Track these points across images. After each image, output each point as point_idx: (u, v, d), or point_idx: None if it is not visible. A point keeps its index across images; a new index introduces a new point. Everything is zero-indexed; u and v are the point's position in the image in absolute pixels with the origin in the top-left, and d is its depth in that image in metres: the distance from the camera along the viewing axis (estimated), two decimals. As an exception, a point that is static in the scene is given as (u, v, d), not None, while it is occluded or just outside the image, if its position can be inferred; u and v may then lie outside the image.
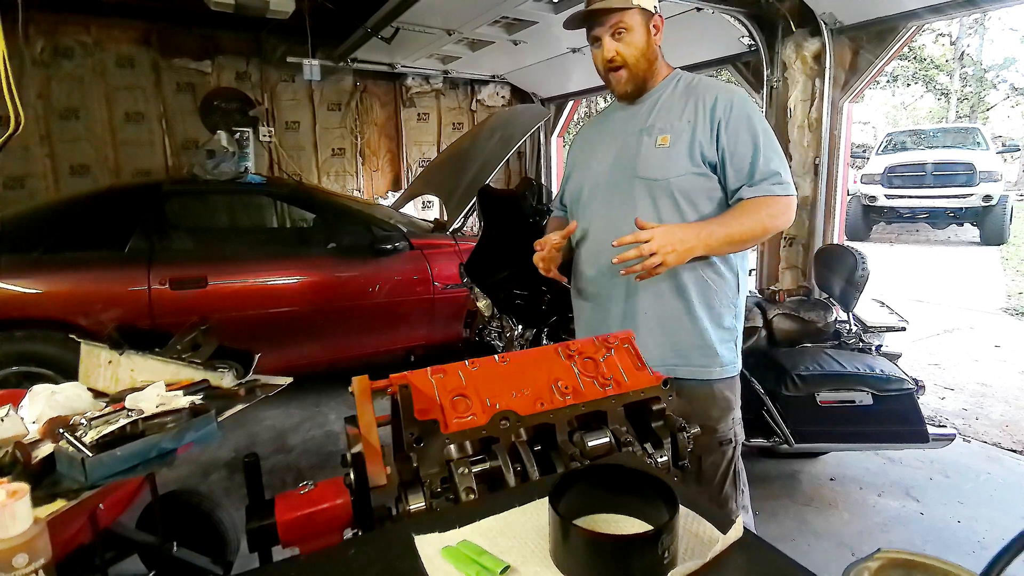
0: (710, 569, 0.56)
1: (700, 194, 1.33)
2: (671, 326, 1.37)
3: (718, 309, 1.38)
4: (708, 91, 1.34)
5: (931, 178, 8.74)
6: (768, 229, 1.30)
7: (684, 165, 1.31)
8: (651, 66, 1.38)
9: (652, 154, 1.34)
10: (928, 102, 20.52)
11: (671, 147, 1.33)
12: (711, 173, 1.32)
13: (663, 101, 1.38)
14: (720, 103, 1.31)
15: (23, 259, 2.69)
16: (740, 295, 1.42)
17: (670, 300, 1.36)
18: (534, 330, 2.33)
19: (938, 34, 17.54)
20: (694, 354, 1.37)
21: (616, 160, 1.41)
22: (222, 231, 3.95)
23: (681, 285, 1.35)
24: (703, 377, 1.37)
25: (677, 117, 1.34)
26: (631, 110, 1.43)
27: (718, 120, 1.30)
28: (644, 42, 1.34)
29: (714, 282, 1.37)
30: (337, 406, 3.35)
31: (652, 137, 1.35)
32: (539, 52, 4.75)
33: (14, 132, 1.45)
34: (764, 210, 1.28)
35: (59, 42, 4.44)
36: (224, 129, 3.97)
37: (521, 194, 2.59)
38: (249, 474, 0.85)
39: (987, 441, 2.93)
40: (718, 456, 1.39)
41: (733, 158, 1.30)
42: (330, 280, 3.21)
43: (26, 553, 0.69)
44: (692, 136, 1.31)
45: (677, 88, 1.39)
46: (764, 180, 1.29)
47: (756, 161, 1.29)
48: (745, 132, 1.30)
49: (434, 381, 0.93)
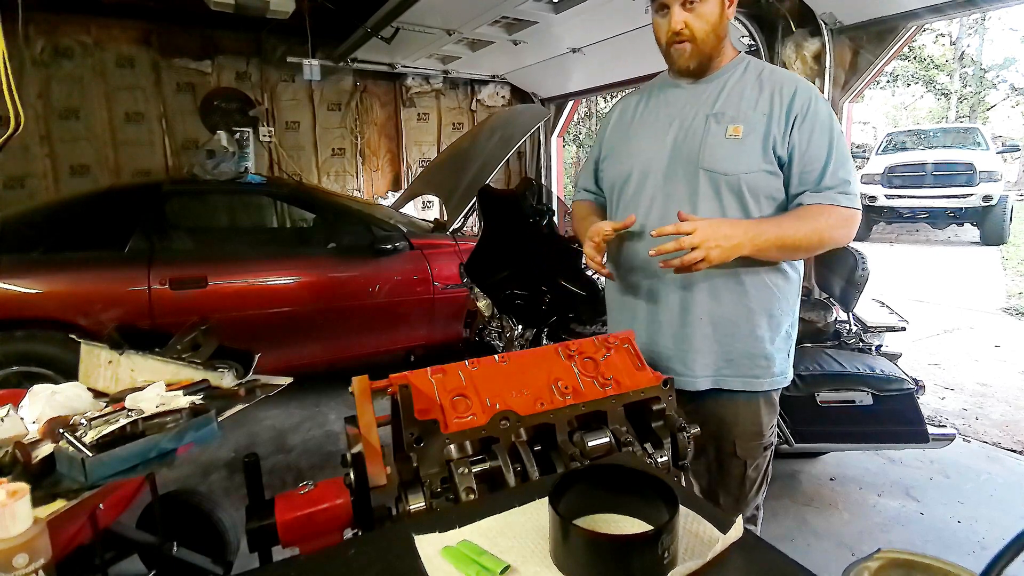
0: (710, 569, 0.56)
1: (767, 193, 1.23)
2: (727, 333, 1.26)
3: (778, 317, 1.27)
4: (786, 82, 1.23)
5: (931, 178, 8.73)
6: (825, 241, 1.19)
7: (756, 161, 1.20)
8: (719, 43, 1.25)
9: (722, 145, 1.21)
10: (928, 102, 20.52)
11: (743, 139, 1.20)
12: (780, 171, 1.22)
13: (732, 85, 1.25)
14: (799, 97, 1.20)
15: (23, 259, 2.69)
16: (798, 300, 1.34)
17: (729, 305, 1.25)
18: (534, 330, 2.33)
19: (938, 34, 17.54)
20: (748, 363, 1.27)
21: (676, 146, 1.26)
22: (222, 231, 3.95)
23: (743, 289, 1.24)
24: (754, 389, 1.28)
25: (751, 106, 1.22)
26: (692, 90, 1.29)
27: (795, 115, 1.19)
28: (717, 16, 1.21)
29: (778, 288, 1.26)
30: (337, 406, 3.35)
31: (721, 125, 1.22)
32: (539, 52, 4.75)
33: (14, 132, 1.45)
34: (824, 219, 1.18)
35: (59, 42, 4.45)
36: (224, 129, 3.97)
37: (521, 194, 2.59)
38: (249, 474, 0.85)
39: (987, 441, 2.93)
40: (761, 460, 1.34)
41: (803, 159, 1.20)
42: (330, 280, 3.21)
43: (26, 553, 0.69)
44: (767, 129, 1.20)
45: (747, 73, 1.26)
46: (831, 188, 1.18)
47: (827, 166, 1.19)
48: (820, 133, 1.19)
49: (434, 381, 0.93)
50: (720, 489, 1.35)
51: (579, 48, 4.50)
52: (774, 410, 1.34)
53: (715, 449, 1.32)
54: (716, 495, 1.35)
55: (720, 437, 1.31)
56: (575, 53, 4.59)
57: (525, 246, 2.38)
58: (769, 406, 1.33)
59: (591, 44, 4.39)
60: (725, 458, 1.32)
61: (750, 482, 1.34)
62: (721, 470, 1.34)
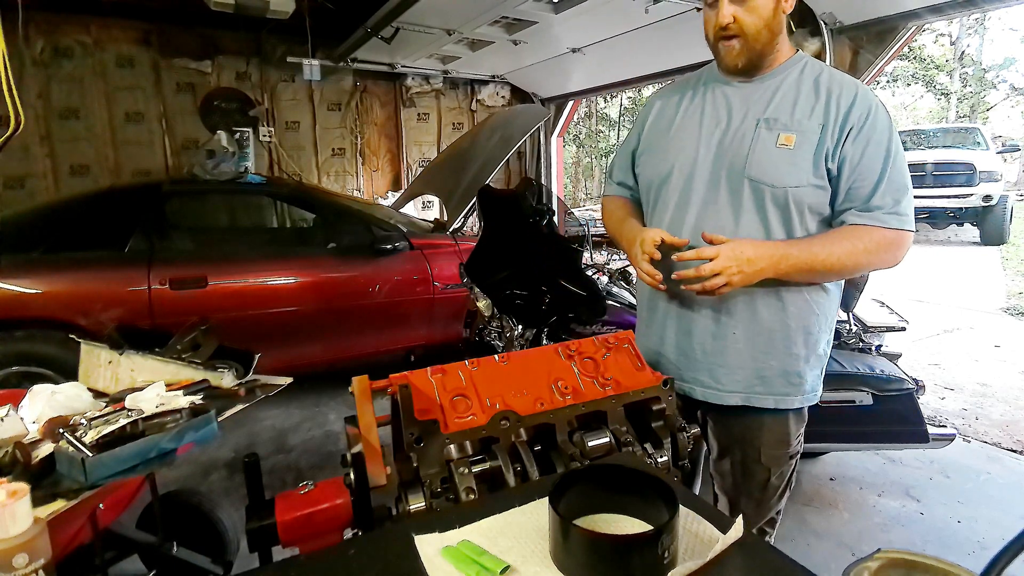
0: (710, 569, 0.56)
1: (814, 208, 1.15)
2: (762, 349, 1.20)
3: (816, 335, 1.22)
4: (845, 89, 1.14)
5: (931, 178, 8.73)
6: (862, 265, 1.13)
7: (807, 175, 1.12)
8: (772, 40, 1.15)
9: (772, 154, 1.13)
10: (928, 102, 20.53)
11: (795, 150, 1.12)
12: (829, 186, 1.14)
13: (786, 88, 1.17)
14: (857, 107, 1.11)
15: (23, 259, 2.69)
16: (836, 316, 1.28)
17: (766, 320, 1.19)
18: (534, 330, 2.33)
19: (938, 34, 17.55)
20: (781, 381, 1.22)
21: (721, 149, 1.19)
22: (222, 231, 3.94)
23: (781, 304, 1.18)
24: (783, 407, 1.23)
25: (806, 114, 1.13)
26: (742, 90, 1.21)
27: (851, 126, 1.11)
28: (770, 10, 1.12)
29: (818, 304, 1.20)
30: (337, 406, 3.35)
31: (773, 132, 1.14)
32: (539, 52, 4.75)
33: (14, 132, 1.45)
34: (866, 241, 1.10)
35: (59, 42, 4.45)
36: (224, 129, 3.97)
37: (521, 194, 2.59)
38: (249, 474, 0.85)
39: (987, 441, 2.93)
40: (786, 468, 1.32)
41: (853, 174, 1.11)
42: (330, 280, 3.21)
43: (26, 553, 0.69)
44: (820, 140, 1.12)
45: (804, 75, 1.18)
46: (880, 208, 1.10)
47: (879, 185, 1.10)
48: (876, 148, 1.11)
49: (434, 381, 0.93)
50: (743, 492, 1.34)
51: (579, 48, 4.50)
52: (802, 422, 1.30)
53: (740, 453, 1.30)
54: (738, 497, 1.34)
55: (745, 443, 1.29)
56: (575, 53, 4.59)
57: (525, 246, 2.38)
58: (798, 420, 1.28)
59: (591, 44, 4.39)
60: (750, 463, 1.30)
61: (773, 488, 1.32)
62: (745, 475, 1.32)
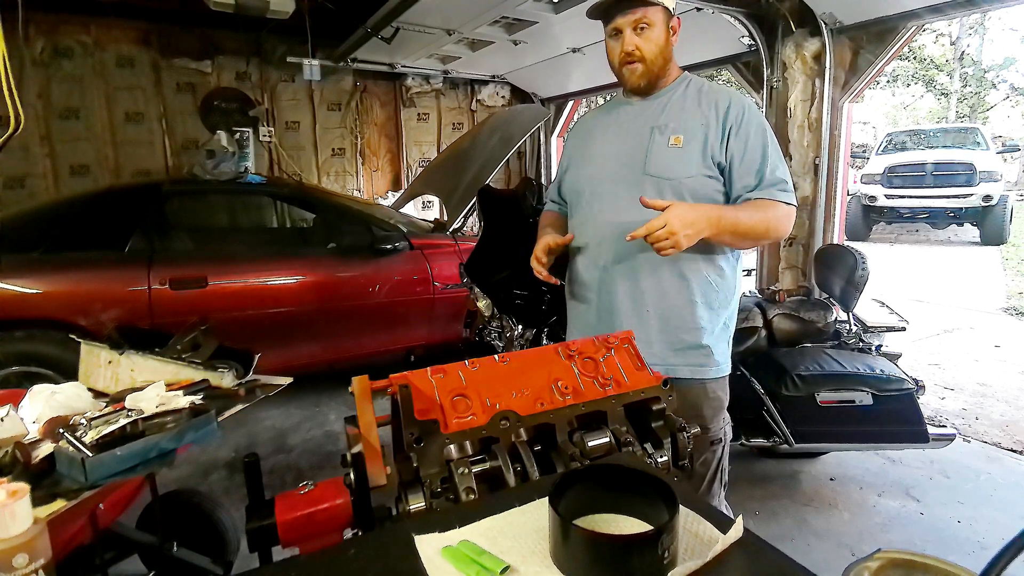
0: (710, 569, 0.56)
1: (708, 195, 1.36)
2: (673, 324, 1.39)
3: (717, 309, 1.41)
4: (721, 96, 1.38)
5: (931, 178, 8.73)
6: (770, 231, 1.34)
7: (696, 166, 1.34)
8: (666, 64, 1.40)
9: (664, 153, 1.36)
10: (928, 102, 20.52)
11: (684, 147, 1.34)
12: (719, 175, 1.36)
13: (675, 101, 1.40)
14: (733, 109, 1.35)
15: (23, 259, 2.69)
16: (736, 294, 1.46)
17: (674, 298, 1.38)
18: (534, 330, 2.33)
19: (938, 34, 17.53)
20: (693, 353, 1.39)
21: (624, 155, 1.41)
22: (222, 231, 3.95)
23: (685, 282, 1.38)
24: (699, 376, 1.39)
25: (691, 119, 1.36)
26: (640, 106, 1.44)
27: (730, 125, 1.34)
28: (663, 40, 1.36)
29: (716, 283, 1.40)
30: (337, 406, 3.35)
31: (665, 136, 1.37)
32: (539, 52, 4.75)
33: (14, 132, 1.45)
34: (772, 212, 1.32)
35: (59, 42, 4.44)
36: (224, 129, 3.96)
37: (521, 194, 2.59)
38: (249, 474, 0.85)
39: (987, 441, 2.93)
40: (709, 455, 1.42)
41: (742, 162, 1.33)
42: (330, 280, 3.21)
43: (26, 553, 0.69)
44: (705, 138, 1.34)
45: (688, 90, 1.41)
46: (772, 186, 1.32)
47: (764, 167, 1.33)
48: (755, 139, 1.34)
49: (434, 381, 0.93)
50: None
51: (579, 48, 4.50)
52: (720, 405, 1.43)
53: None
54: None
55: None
56: (575, 53, 4.59)
57: (525, 246, 2.37)
58: (713, 400, 1.41)
59: (591, 44, 4.38)
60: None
61: (699, 477, 1.40)
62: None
